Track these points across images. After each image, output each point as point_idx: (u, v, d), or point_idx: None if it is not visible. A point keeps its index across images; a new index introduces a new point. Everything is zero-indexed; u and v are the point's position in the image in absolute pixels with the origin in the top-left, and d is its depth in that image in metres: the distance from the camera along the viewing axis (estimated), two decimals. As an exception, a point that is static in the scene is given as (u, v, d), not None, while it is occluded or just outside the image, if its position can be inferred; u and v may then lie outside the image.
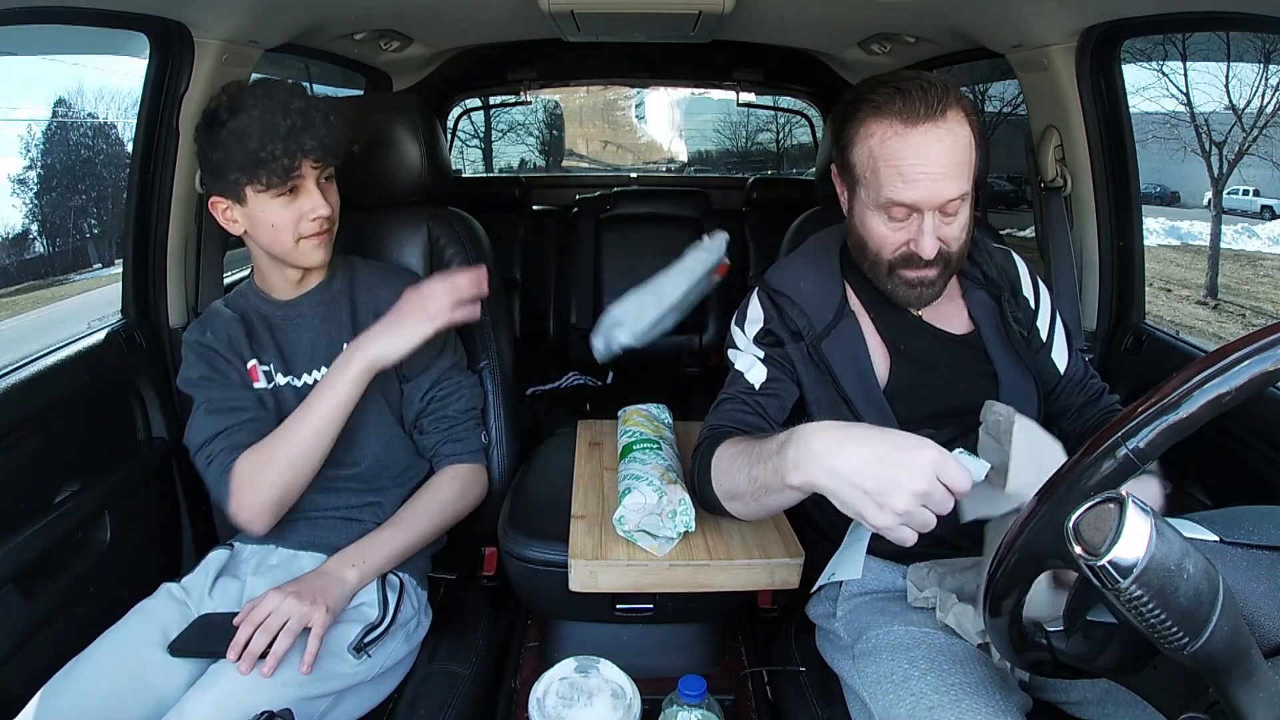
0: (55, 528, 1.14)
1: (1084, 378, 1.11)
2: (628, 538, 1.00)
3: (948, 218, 0.95)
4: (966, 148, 0.93)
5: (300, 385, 1.16)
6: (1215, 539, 0.62)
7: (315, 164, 1.08)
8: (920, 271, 0.98)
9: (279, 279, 1.17)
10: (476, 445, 1.25)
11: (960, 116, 0.93)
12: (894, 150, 0.92)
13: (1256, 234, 3.43)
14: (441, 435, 1.22)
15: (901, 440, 0.73)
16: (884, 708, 0.89)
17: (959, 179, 0.92)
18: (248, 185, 1.06)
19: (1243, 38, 2.40)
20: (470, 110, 3.69)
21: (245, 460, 1.07)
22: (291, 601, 0.97)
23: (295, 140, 1.04)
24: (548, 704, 0.85)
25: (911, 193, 0.92)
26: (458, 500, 1.20)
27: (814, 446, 0.75)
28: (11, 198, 2.69)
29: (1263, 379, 0.50)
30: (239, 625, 0.95)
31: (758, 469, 0.84)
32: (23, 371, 1.15)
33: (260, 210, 1.07)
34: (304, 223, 1.09)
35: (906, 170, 0.92)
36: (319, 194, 1.09)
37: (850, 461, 0.72)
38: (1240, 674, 0.50)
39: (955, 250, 0.98)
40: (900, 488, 0.70)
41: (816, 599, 1.11)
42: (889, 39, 1.79)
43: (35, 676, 0.94)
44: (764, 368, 1.04)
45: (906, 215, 0.95)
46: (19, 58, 2.19)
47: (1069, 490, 0.56)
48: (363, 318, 1.18)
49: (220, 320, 1.18)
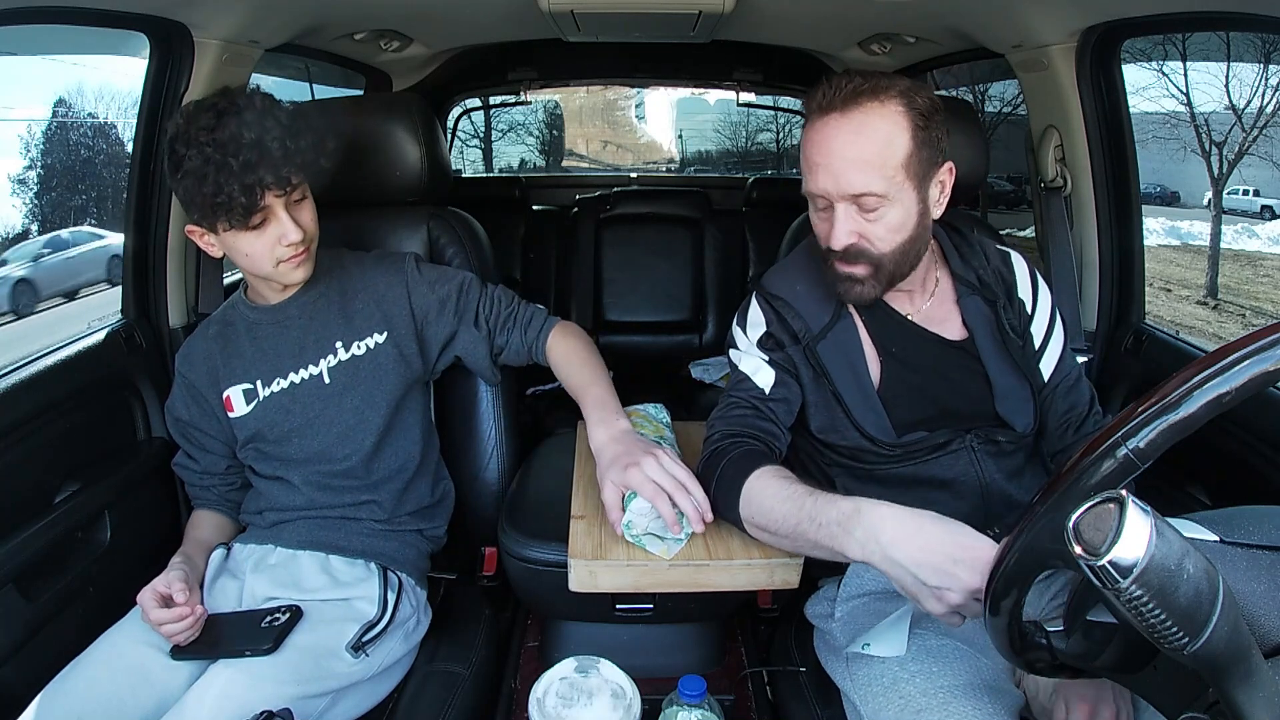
0: (55, 528, 1.14)
1: (1073, 386, 1.08)
2: (635, 542, 1.00)
3: (866, 214, 0.94)
4: (883, 142, 0.91)
5: (287, 385, 1.16)
6: (1215, 539, 0.62)
7: (278, 194, 1.04)
8: (846, 267, 0.97)
9: (265, 289, 1.17)
10: (543, 315, 1.27)
11: (880, 110, 0.91)
12: (806, 140, 0.96)
13: (1256, 234, 3.43)
14: (517, 330, 1.24)
15: (967, 540, 0.75)
16: (873, 710, 0.89)
17: (867, 172, 0.91)
18: (215, 223, 1.04)
19: (1243, 38, 2.41)
20: (470, 110, 3.69)
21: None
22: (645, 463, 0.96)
23: (251, 176, 0.99)
24: (548, 704, 0.85)
25: (813, 181, 0.94)
26: (585, 346, 1.24)
27: (882, 537, 0.78)
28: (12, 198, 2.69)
29: (1263, 379, 0.50)
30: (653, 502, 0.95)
31: (809, 528, 0.85)
32: (23, 371, 1.15)
33: (233, 241, 1.06)
34: (278, 248, 1.07)
35: (811, 158, 0.94)
36: (289, 220, 1.06)
37: (916, 557, 0.75)
38: (1240, 674, 0.50)
39: (883, 251, 0.95)
40: (961, 587, 0.73)
41: (815, 599, 1.11)
42: (889, 39, 1.78)
43: (35, 676, 0.94)
44: (771, 370, 1.04)
45: (826, 206, 0.96)
46: (19, 58, 2.20)
47: (1069, 490, 0.56)
48: (359, 305, 1.19)
49: (200, 347, 1.20)
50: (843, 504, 0.83)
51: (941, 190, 0.99)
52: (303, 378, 1.16)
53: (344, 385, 1.16)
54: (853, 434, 1.02)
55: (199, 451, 1.22)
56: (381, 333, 1.18)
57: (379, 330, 1.18)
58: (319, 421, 1.16)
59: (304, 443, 1.16)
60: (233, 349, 1.18)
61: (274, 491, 1.18)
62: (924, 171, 0.95)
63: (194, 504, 1.25)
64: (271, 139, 1.01)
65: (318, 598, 1.08)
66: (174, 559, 1.08)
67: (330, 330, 1.17)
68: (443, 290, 1.22)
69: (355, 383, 1.17)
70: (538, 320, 1.25)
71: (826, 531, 0.82)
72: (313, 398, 1.16)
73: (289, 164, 1.02)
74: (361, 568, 1.13)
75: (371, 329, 1.18)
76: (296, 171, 1.04)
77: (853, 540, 0.80)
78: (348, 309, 1.18)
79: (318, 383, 1.16)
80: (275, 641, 0.97)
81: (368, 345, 1.18)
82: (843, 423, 1.02)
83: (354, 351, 1.17)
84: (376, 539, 1.17)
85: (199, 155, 0.99)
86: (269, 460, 1.18)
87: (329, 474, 1.16)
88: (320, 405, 1.16)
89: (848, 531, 0.80)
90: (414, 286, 1.21)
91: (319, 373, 1.16)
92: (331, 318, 1.18)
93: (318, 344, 1.17)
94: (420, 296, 1.21)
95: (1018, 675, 0.93)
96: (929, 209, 0.98)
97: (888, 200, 0.93)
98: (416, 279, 1.22)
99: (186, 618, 0.98)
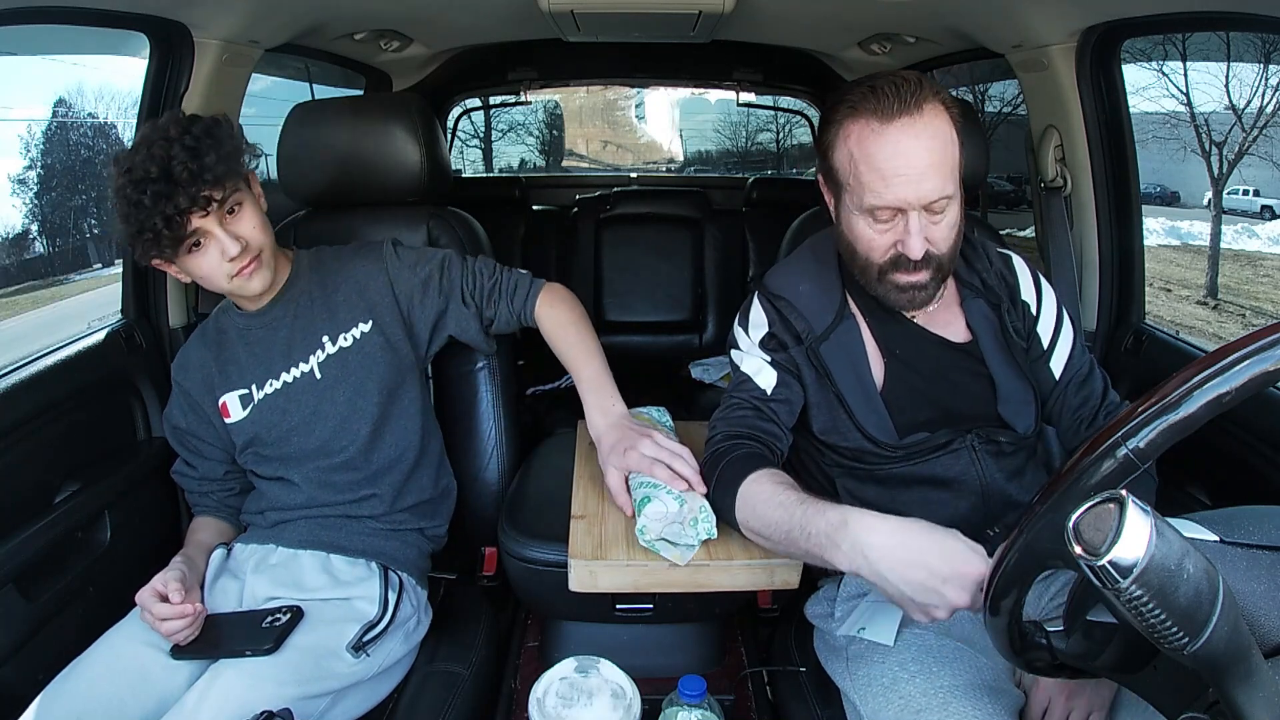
0: (55, 528, 1.14)
1: (1085, 380, 1.08)
2: (650, 547, 0.99)
3: (934, 216, 0.92)
4: (947, 143, 0.91)
5: (280, 385, 1.17)
6: (1215, 539, 0.62)
7: (202, 215, 1.02)
8: (911, 275, 0.96)
9: (243, 299, 1.18)
10: (528, 279, 1.25)
11: (938, 110, 0.91)
12: (872, 149, 0.90)
13: (1256, 234, 3.43)
14: (504, 300, 1.23)
15: (956, 556, 0.75)
16: (873, 710, 0.89)
17: (941, 176, 0.90)
18: (156, 255, 1.04)
19: (1243, 38, 2.40)
20: (470, 110, 3.69)
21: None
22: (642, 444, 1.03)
23: (167, 205, 0.98)
24: (548, 704, 0.85)
25: (893, 192, 0.90)
26: (575, 309, 1.23)
27: (869, 551, 0.78)
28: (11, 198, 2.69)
29: (1263, 379, 0.50)
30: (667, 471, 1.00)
31: (799, 536, 0.85)
32: (23, 371, 1.16)
33: (184, 266, 1.07)
34: (224, 264, 1.07)
35: (886, 169, 0.90)
36: (225, 234, 1.05)
37: (904, 573, 0.76)
38: (1240, 674, 0.50)
39: (945, 251, 0.96)
40: (948, 605, 0.75)
41: (815, 599, 1.11)
42: (889, 39, 1.79)
43: (35, 676, 0.94)
44: (773, 371, 1.04)
45: (892, 216, 0.93)
46: (19, 58, 2.20)
47: (1069, 490, 0.56)
48: (342, 297, 1.19)
49: (194, 355, 1.21)
50: (830, 514, 0.83)
51: None
52: (295, 376, 1.17)
53: (335, 378, 1.17)
54: (855, 435, 1.02)
55: (197, 459, 1.23)
56: (366, 322, 1.18)
57: (363, 320, 1.18)
58: (316, 417, 1.16)
59: (303, 439, 1.16)
60: (227, 355, 1.19)
61: (275, 491, 1.18)
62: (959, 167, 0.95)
63: (194, 510, 1.26)
64: (178, 165, 0.99)
65: (318, 597, 1.08)
66: (174, 559, 1.08)
67: (316, 326, 1.17)
68: (424, 271, 1.22)
69: (345, 374, 1.17)
70: (523, 287, 1.24)
71: (815, 541, 0.83)
72: (307, 394, 1.16)
73: (199, 184, 1.00)
74: (362, 567, 1.13)
75: (356, 319, 1.18)
76: (214, 187, 1.02)
77: (840, 552, 0.80)
78: (330, 303, 1.19)
79: (310, 379, 1.17)
80: (276, 642, 0.97)
81: (354, 336, 1.18)
82: (845, 424, 1.02)
83: (341, 344, 1.17)
84: (377, 538, 1.17)
85: (121, 198, 1.00)
86: (269, 462, 1.18)
87: (329, 469, 1.16)
88: (315, 400, 1.16)
89: (835, 543, 0.81)
90: (395, 271, 1.21)
91: (310, 369, 1.17)
92: (316, 314, 1.18)
93: (305, 341, 1.17)
94: (403, 280, 1.21)
95: (1018, 675, 0.93)
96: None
97: (951, 201, 0.93)
98: (396, 264, 1.22)
99: (186, 616, 0.97)
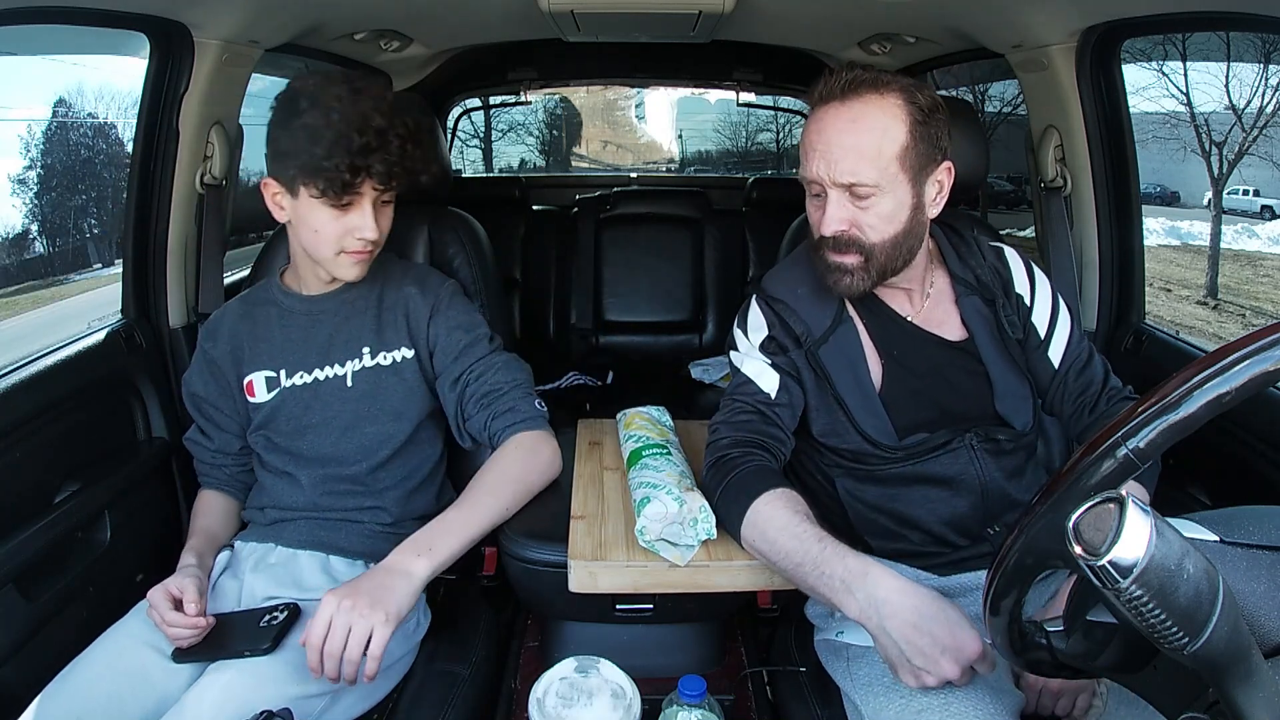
0: (55, 528, 1.14)
1: (1085, 366, 1.08)
2: (650, 548, 0.99)
3: (860, 201, 0.95)
4: (881, 133, 0.93)
5: (311, 380, 1.16)
6: (1215, 539, 0.62)
7: (378, 186, 1.05)
8: (837, 256, 0.98)
9: (310, 276, 1.17)
10: (532, 411, 1.15)
11: (878, 101, 0.93)
12: (806, 127, 0.98)
13: (1256, 234, 3.43)
14: (487, 412, 1.15)
15: (960, 632, 0.80)
16: (874, 710, 0.89)
17: (863, 161, 0.93)
18: (303, 186, 1.04)
19: (1243, 38, 2.41)
20: (470, 110, 3.69)
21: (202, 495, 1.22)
22: (345, 615, 0.90)
23: (364, 159, 1.00)
24: (548, 704, 0.85)
25: (808, 166, 0.96)
26: (525, 468, 1.12)
27: (883, 608, 0.82)
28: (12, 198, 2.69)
29: (1263, 379, 0.50)
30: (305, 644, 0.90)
31: (810, 573, 0.88)
32: (23, 371, 1.16)
33: (308, 211, 1.06)
34: (349, 239, 1.07)
35: (808, 144, 0.96)
36: (372, 215, 1.06)
37: (910, 636, 0.80)
38: (1240, 674, 0.50)
39: (874, 241, 0.96)
40: (941, 675, 0.79)
41: (815, 599, 1.11)
42: (889, 39, 1.79)
43: (35, 676, 0.94)
44: (775, 374, 1.04)
45: (820, 193, 0.97)
46: (19, 58, 2.20)
47: (1069, 490, 0.56)
48: (389, 317, 1.17)
49: (227, 325, 1.19)
50: (851, 562, 0.86)
51: (939, 190, 1.00)
52: (328, 375, 1.16)
53: (365, 392, 1.16)
54: (854, 437, 1.02)
55: (214, 429, 1.21)
56: (410, 349, 1.18)
57: (407, 345, 1.17)
58: (335, 422, 1.15)
59: (317, 441, 1.15)
60: (260, 332, 1.17)
61: (279, 488, 1.18)
62: (920, 166, 0.96)
63: (201, 482, 1.23)
64: (395, 134, 1.02)
65: (318, 597, 1.07)
66: (185, 558, 1.07)
67: (361, 334, 1.17)
68: (465, 339, 1.17)
69: (377, 391, 1.16)
70: (510, 418, 1.15)
71: (828, 583, 0.86)
72: (334, 398, 1.16)
73: (401, 165, 1.04)
74: (361, 568, 1.13)
75: (400, 342, 1.17)
76: (402, 174, 1.05)
77: (853, 599, 0.84)
78: (380, 318, 1.17)
79: (340, 384, 1.16)
80: (274, 641, 0.97)
81: (394, 358, 1.17)
82: (844, 426, 1.02)
83: (379, 361, 1.16)
84: (377, 540, 1.16)
85: (323, 116, 1.00)
86: (279, 453, 1.17)
87: (335, 477, 1.16)
88: (339, 406, 1.16)
89: (850, 590, 0.84)
90: (437, 316, 1.18)
91: (344, 374, 1.16)
92: (364, 322, 1.17)
93: (346, 345, 1.16)
94: (438, 328, 1.18)
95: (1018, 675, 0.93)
96: (924, 205, 0.99)
97: (880, 190, 0.94)
98: (445, 316, 1.18)
99: (198, 628, 0.98)
